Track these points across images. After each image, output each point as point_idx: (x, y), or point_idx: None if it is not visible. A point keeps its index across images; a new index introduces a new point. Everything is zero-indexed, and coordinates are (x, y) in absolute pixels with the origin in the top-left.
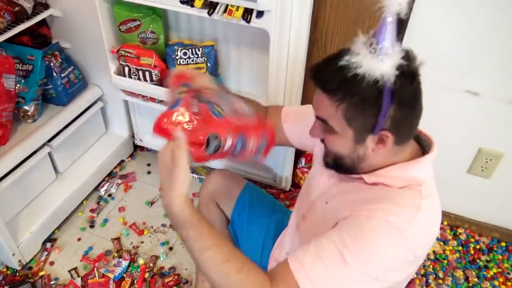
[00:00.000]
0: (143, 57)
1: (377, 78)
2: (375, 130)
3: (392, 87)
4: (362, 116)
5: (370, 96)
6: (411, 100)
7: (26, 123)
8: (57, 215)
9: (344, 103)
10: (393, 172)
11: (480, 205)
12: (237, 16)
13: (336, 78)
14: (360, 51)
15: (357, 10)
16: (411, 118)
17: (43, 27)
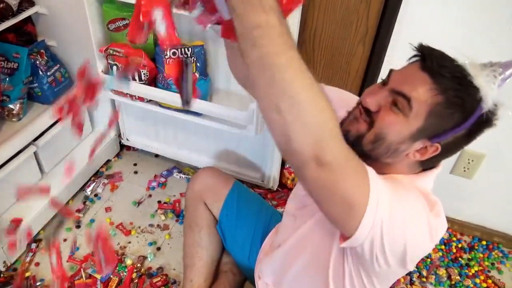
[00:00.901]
0: (131, 56)
1: (482, 98)
2: (435, 139)
3: (482, 115)
4: (443, 118)
5: (468, 107)
6: (476, 135)
7: (11, 122)
8: (42, 216)
9: (443, 96)
10: (399, 178)
11: (462, 204)
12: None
13: (454, 70)
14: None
15: (344, 12)
16: (460, 148)
17: (28, 25)
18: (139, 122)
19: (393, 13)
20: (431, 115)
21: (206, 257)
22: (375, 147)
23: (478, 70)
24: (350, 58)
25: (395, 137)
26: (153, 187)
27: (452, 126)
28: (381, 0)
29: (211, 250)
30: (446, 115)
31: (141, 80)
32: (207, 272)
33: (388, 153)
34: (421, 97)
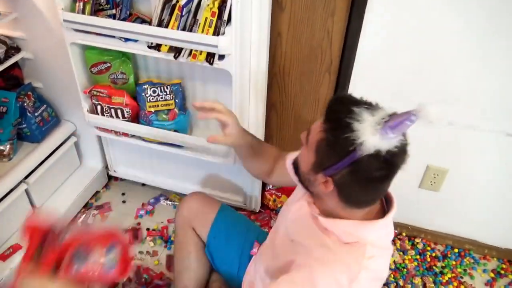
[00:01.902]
0: (114, 96)
1: (358, 140)
2: (325, 172)
3: (359, 157)
4: (325, 154)
5: (341, 148)
6: (364, 181)
7: (2, 162)
8: None
9: (324, 134)
10: (346, 227)
11: (433, 215)
12: (201, 59)
13: (339, 113)
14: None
15: (309, 47)
16: (355, 191)
17: (15, 69)
18: (125, 154)
19: (353, 45)
20: (317, 150)
21: (195, 279)
22: (299, 175)
23: (367, 117)
24: (318, 87)
25: (304, 168)
26: (141, 215)
27: (332, 162)
28: (341, 35)
29: (200, 272)
30: (326, 152)
31: (124, 117)
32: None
33: (308, 184)
34: (313, 132)
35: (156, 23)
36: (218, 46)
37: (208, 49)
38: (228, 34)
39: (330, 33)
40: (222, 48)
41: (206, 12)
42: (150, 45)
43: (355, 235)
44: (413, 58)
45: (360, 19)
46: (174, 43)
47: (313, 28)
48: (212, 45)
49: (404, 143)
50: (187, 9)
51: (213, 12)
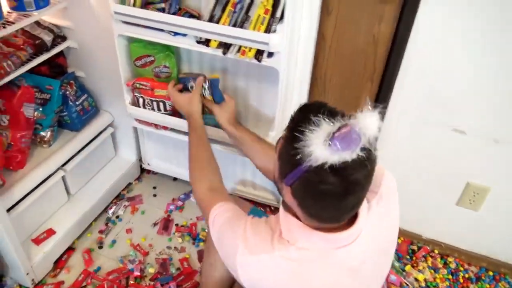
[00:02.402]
0: (157, 89)
1: (306, 151)
2: (285, 181)
3: (308, 170)
4: (283, 163)
5: (292, 157)
6: (314, 194)
7: (42, 148)
8: (68, 236)
9: (283, 142)
10: (286, 220)
11: (469, 235)
12: (250, 56)
13: (296, 122)
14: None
15: (353, 53)
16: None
17: (60, 57)
18: (160, 147)
19: (400, 52)
20: (279, 157)
21: (220, 279)
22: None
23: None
24: (359, 94)
25: (275, 174)
26: (171, 210)
27: (287, 171)
28: (388, 41)
29: (226, 273)
30: (284, 160)
31: (165, 110)
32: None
33: (279, 191)
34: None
35: (207, 18)
36: (269, 44)
37: (258, 46)
38: (279, 32)
39: (376, 39)
40: (273, 46)
41: (259, 9)
42: (199, 40)
43: (291, 234)
44: (464, 70)
45: (409, 26)
46: (225, 39)
47: (358, 33)
48: (263, 42)
49: (362, 158)
50: (240, 6)
51: (267, 10)
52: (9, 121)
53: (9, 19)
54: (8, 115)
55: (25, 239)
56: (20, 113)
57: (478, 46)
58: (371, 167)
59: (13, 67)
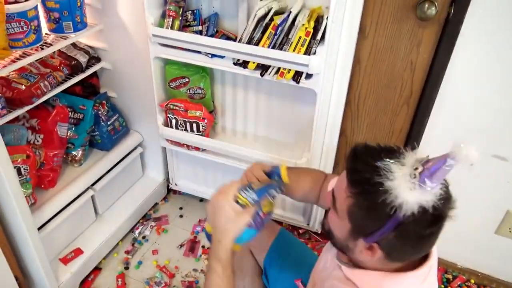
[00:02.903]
0: (191, 110)
1: (397, 201)
2: (369, 238)
3: (403, 219)
4: (364, 219)
5: (380, 213)
6: (415, 241)
7: (73, 167)
8: (95, 256)
9: (354, 199)
10: (368, 278)
11: (508, 265)
12: (288, 78)
13: (364, 174)
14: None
15: (389, 77)
16: (407, 252)
17: (93, 78)
18: (189, 167)
19: (438, 78)
20: (350, 216)
21: None
22: (334, 241)
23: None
24: (394, 118)
25: (339, 234)
26: (197, 231)
27: (374, 229)
28: (426, 67)
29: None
30: (363, 218)
31: (198, 131)
32: None
33: (346, 249)
34: (340, 198)
35: (246, 41)
36: (309, 65)
37: (298, 67)
38: (319, 53)
39: (413, 64)
40: (312, 67)
41: (300, 32)
42: (236, 62)
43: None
44: (502, 98)
45: (448, 52)
46: (263, 61)
47: (395, 58)
48: (303, 64)
49: (446, 188)
50: (281, 28)
51: (308, 32)
52: (42, 140)
53: (47, 40)
54: (42, 134)
55: (53, 258)
56: (54, 132)
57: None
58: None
59: (49, 87)
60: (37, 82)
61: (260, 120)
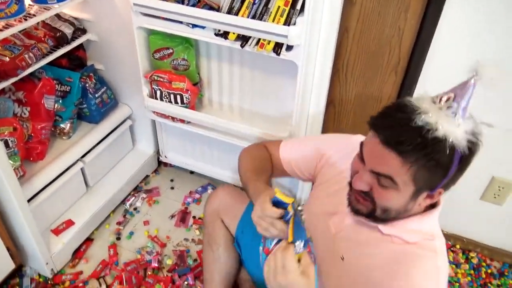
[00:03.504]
0: (175, 81)
1: (453, 144)
2: (435, 189)
3: (461, 156)
4: (430, 176)
5: (445, 161)
6: (469, 164)
7: (62, 140)
8: (87, 227)
9: (417, 165)
10: (410, 225)
11: (492, 230)
12: (268, 49)
13: (413, 140)
14: (433, 111)
15: (377, 45)
16: (456, 181)
17: (80, 50)
18: (177, 140)
19: (425, 44)
20: (416, 180)
21: (224, 272)
22: (388, 215)
23: (439, 117)
24: (382, 86)
25: (398, 206)
26: (189, 202)
27: (442, 176)
28: (413, 34)
29: (229, 266)
30: (429, 175)
31: (183, 103)
32: (225, 286)
33: (401, 214)
34: (399, 172)
35: (226, 10)
36: (288, 36)
37: (277, 39)
38: (299, 24)
39: (401, 31)
40: (292, 39)
41: (279, 1)
42: (217, 32)
43: (420, 231)
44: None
45: (435, 18)
46: (243, 31)
47: (383, 24)
48: (282, 35)
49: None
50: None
51: (287, 1)
52: (29, 113)
53: (30, 11)
54: (28, 107)
55: (44, 229)
56: (41, 105)
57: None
58: None
59: (34, 59)
60: (22, 53)
61: (245, 94)
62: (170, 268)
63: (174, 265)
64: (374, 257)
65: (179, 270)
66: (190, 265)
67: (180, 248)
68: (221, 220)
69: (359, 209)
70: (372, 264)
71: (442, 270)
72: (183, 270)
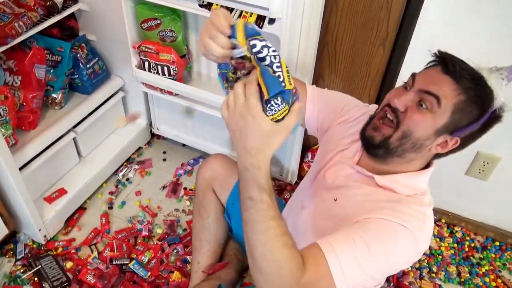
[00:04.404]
0: (162, 53)
1: (495, 96)
2: (456, 133)
3: (495, 113)
4: (464, 114)
5: (484, 105)
6: (487, 130)
7: (54, 110)
8: (79, 196)
9: (465, 95)
10: (404, 180)
11: (477, 205)
12: (251, 22)
13: (472, 74)
14: (487, 70)
15: (365, 17)
16: (473, 142)
17: (71, 20)
18: (169, 113)
19: (413, 18)
20: (455, 112)
21: (213, 241)
22: (402, 144)
23: (488, 73)
24: (370, 60)
25: (422, 133)
26: (180, 174)
27: (471, 121)
28: (401, 7)
29: (218, 235)
30: (467, 111)
31: (170, 75)
32: (213, 255)
33: (414, 148)
34: (448, 96)
35: None
36: (269, 9)
37: (259, 11)
38: None
39: (389, 3)
40: (273, 11)
41: None
42: (201, 3)
43: (412, 187)
44: (477, 36)
45: None
46: (226, 3)
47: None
48: (263, 7)
49: None
50: None
51: None
52: (21, 82)
53: None
54: (20, 76)
55: (37, 197)
56: (32, 74)
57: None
58: None
59: (24, 28)
60: (11, 22)
61: None
62: (160, 237)
63: (164, 234)
64: (367, 197)
65: (169, 238)
66: (180, 235)
67: (171, 218)
68: (212, 189)
69: (373, 136)
70: (364, 199)
71: (429, 220)
72: (173, 238)
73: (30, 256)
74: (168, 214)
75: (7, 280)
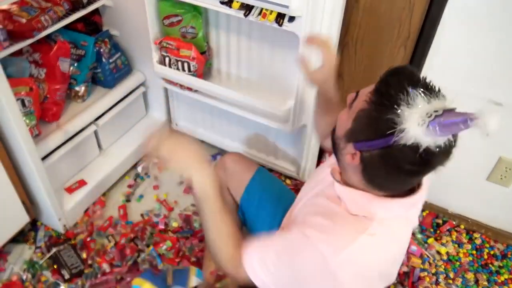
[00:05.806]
0: (182, 49)
1: (400, 126)
2: (356, 145)
3: (394, 143)
4: (362, 126)
5: (380, 127)
6: (392, 170)
7: (76, 102)
8: (98, 188)
9: (368, 105)
10: (359, 198)
11: (497, 212)
12: (270, 19)
13: (391, 89)
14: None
15: (387, 18)
16: (380, 176)
17: (95, 15)
18: (188, 109)
19: (435, 19)
20: (356, 119)
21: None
22: (332, 138)
23: (421, 103)
24: (391, 61)
25: (339, 131)
26: None
27: (365, 138)
28: (424, 7)
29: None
30: (364, 125)
31: (190, 71)
32: None
33: (335, 149)
34: (359, 98)
35: None
36: (289, 7)
37: (279, 9)
38: None
39: (412, 4)
40: (293, 9)
41: None
42: (222, 0)
43: (366, 209)
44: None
45: None
46: (246, 0)
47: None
48: (283, 5)
49: (449, 145)
50: None
51: None
52: (45, 74)
53: None
54: (45, 69)
55: (58, 187)
56: (56, 67)
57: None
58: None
59: (50, 22)
60: (38, 15)
61: (253, 65)
62: (176, 229)
63: (179, 228)
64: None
65: (184, 232)
66: (196, 229)
67: (187, 213)
68: (227, 187)
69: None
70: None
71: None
72: (187, 231)
73: (49, 244)
74: (184, 209)
75: (27, 267)
